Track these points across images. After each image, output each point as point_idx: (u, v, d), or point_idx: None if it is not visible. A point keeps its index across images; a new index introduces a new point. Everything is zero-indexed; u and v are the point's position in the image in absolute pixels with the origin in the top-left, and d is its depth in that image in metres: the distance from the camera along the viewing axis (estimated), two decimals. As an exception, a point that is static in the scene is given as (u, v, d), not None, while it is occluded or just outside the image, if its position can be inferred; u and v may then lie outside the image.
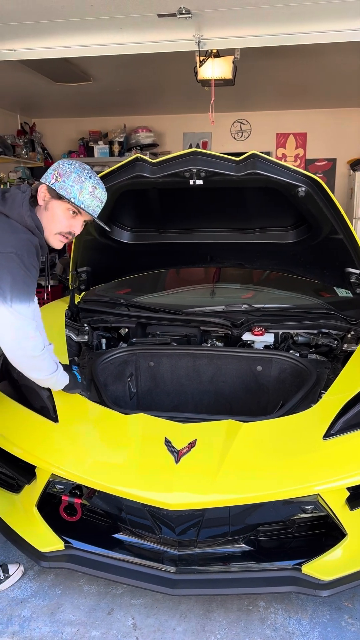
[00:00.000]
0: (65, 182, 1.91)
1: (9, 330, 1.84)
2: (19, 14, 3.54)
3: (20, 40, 4.02)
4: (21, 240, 1.84)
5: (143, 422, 2.13)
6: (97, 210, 2.00)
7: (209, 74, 4.21)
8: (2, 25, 3.74)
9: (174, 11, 3.36)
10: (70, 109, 7.72)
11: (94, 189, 1.95)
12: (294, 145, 7.84)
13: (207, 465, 1.92)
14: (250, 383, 2.60)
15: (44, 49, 4.08)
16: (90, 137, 8.18)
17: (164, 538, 1.97)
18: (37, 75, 5.53)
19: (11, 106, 7.65)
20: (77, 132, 8.36)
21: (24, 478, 2.21)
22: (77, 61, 5.00)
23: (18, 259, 1.81)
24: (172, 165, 2.34)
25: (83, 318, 3.02)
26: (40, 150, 8.36)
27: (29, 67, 5.15)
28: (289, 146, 7.86)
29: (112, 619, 2.02)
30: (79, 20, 3.63)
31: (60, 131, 8.48)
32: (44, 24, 3.70)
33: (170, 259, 3.20)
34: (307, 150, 7.82)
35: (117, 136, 7.93)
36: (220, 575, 1.96)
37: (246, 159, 2.29)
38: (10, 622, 2.00)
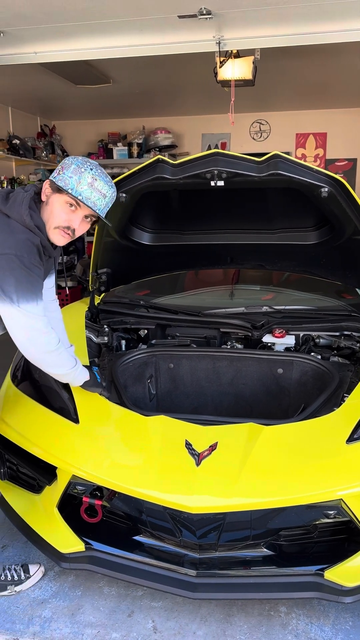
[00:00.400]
0: (65, 173, 1.86)
1: (21, 330, 1.87)
2: (40, 17, 3.57)
3: (41, 43, 4.05)
4: (20, 241, 1.82)
5: (163, 424, 2.12)
6: (98, 203, 1.88)
7: (229, 75, 4.19)
8: (23, 28, 3.77)
9: (195, 12, 3.36)
10: (90, 111, 7.77)
11: (94, 180, 1.86)
12: (313, 146, 7.79)
13: (228, 468, 1.90)
14: (271, 386, 2.58)
15: (65, 52, 4.11)
16: (110, 139, 8.22)
17: (184, 541, 1.96)
18: (57, 78, 5.57)
19: (31, 109, 7.73)
20: (97, 134, 8.41)
21: (45, 479, 2.22)
22: (97, 63, 5.03)
23: (18, 260, 1.79)
24: (193, 166, 2.33)
25: (103, 319, 3.02)
26: (60, 152, 8.43)
27: (49, 70, 5.19)
28: (308, 146, 7.80)
29: (132, 621, 2.02)
30: (100, 23, 3.64)
31: (79, 133, 8.54)
32: (64, 26, 3.73)
33: (190, 260, 3.19)
34: (327, 150, 7.76)
35: (136, 138, 7.96)
36: (241, 579, 1.94)
37: (268, 160, 2.28)
38: (31, 623, 2.01)
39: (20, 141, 7.29)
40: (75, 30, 3.78)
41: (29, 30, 3.79)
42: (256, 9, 3.42)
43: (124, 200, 2.61)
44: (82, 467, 1.99)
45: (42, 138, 8.20)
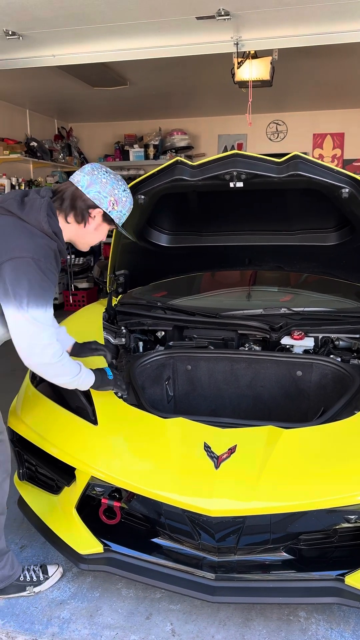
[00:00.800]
0: (120, 210, 1.95)
1: (24, 337, 1.81)
2: (59, 20, 3.59)
3: (60, 46, 4.08)
4: (38, 245, 1.81)
5: (182, 426, 2.12)
6: None
7: (246, 76, 4.18)
8: (42, 31, 3.81)
9: (213, 13, 3.35)
10: (106, 113, 7.81)
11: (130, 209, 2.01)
12: (331, 146, 7.74)
13: (247, 471, 1.89)
14: (289, 388, 2.56)
15: (83, 54, 4.13)
16: (126, 141, 8.26)
17: (203, 544, 1.95)
18: (75, 80, 5.61)
19: (49, 111, 7.79)
20: (113, 135, 8.45)
21: (64, 480, 2.22)
22: (114, 65, 5.05)
23: (35, 264, 1.78)
24: (212, 167, 2.32)
25: (120, 321, 3.03)
26: (76, 154, 8.48)
27: (67, 73, 5.23)
28: (326, 146, 7.76)
29: (150, 623, 2.01)
30: (118, 25, 3.66)
31: (96, 135, 8.59)
32: (83, 29, 3.75)
33: (208, 261, 3.18)
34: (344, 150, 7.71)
35: (153, 139, 7.98)
36: (260, 583, 1.93)
37: (288, 160, 2.26)
38: (50, 623, 2.01)
39: (38, 143, 7.36)
40: (94, 33, 3.80)
41: (48, 33, 3.82)
42: (274, 10, 3.40)
43: (142, 202, 2.61)
44: (101, 469, 1.99)
45: (59, 140, 8.26)
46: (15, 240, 1.80)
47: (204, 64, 4.94)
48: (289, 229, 2.74)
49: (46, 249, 1.83)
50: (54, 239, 1.86)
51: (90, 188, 1.88)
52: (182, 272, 3.35)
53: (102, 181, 1.88)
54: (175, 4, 3.29)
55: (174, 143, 7.93)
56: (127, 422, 2.22)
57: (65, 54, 4.19)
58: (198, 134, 8.23)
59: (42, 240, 1.83)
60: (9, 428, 2.38)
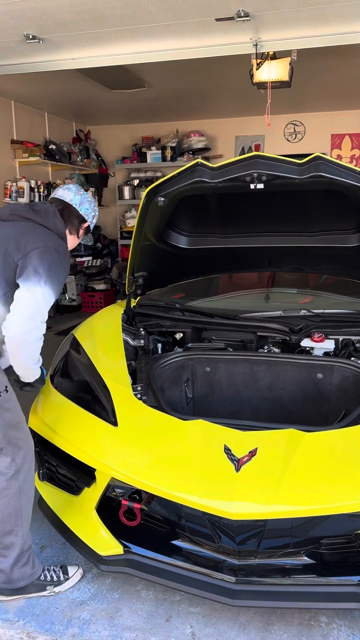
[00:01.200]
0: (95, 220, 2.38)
1: (27, 310, 1.97)
2: (79, 23, 3.61)
3: (79, 49, 4.11)
4: (59, 243, 2.14)
5: (202, 428, 2.11)
6: None
7: (265, 77, 4.17)
8: (62, 35, 3.83)
9: (233, 14, 3.35)
10: (124, 116, 7.84)
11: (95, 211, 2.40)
12: (349, 146, 7.67)
13: (269, 474, 1.88)
14: (310, 391, 2.54)
15: (102, 57, 4.15)
16: (143, 143, 8.28)
17: (223, 547, 1.94)
18: (93, 83, 5.64)
19: (67, 114, 7.85)
20: (131, 138, 8.48)
21: (84, 481, 2.23)
22: (133, 68, 5.07)
23: (56, 254, 2.08)
24: (233, 169, 2.32)
25: (139, 322, 3.03)
26: (94, 157, 8.53)
27: (85, 76, 5.26)
28: (344, 147, 7.69)
29: (170, 626, 2.01)
30: (137, 28, 3.67)
31: (113, 138, 8.63)
32: (102, 32, 3.77)
33: (227, 263, 3.17)
34: (363, 151, 7.64)
35: (170, 141, 7.99)
36: (281, 587, 1.91)
37: (309, 162, 2.24)
38: (70, 624, 2.02)
39: (57, 146, 7.41)
40: (113, 36, 3.82)
41: (68, 36, 3.85)
42: (294, 10, 3.38)
43: (162, 204, 2.62)
44: (121, 470, 2.00)
45: (78, 143, 8.31)
46: (38, 236, 2.09)
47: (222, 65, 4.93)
48: (309, 230, 2.72)
49: (64, 246, 2.18)
50: (65, 241, 2.21)
51: (82, 206, 2.28)
52: (201, 273, 3.35)
53: (88, 200, 2.30)
54: (194, 6, 3.29)
55: (191, 145, 7.94)
56: (147, 423, 2.23)
57: (84, 57, 4.21)
58: (215, 136, 8.22)
59: (59, 239, 2.16)
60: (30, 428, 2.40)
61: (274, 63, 4.17)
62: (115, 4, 3.29)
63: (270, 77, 4.18)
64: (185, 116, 7.86)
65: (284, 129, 7.90)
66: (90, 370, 2.46)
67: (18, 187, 6.72)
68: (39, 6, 3.33)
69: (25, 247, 2.02)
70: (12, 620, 2.04)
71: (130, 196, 8.28)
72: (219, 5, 3.27)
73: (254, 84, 4.30)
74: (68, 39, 3.91)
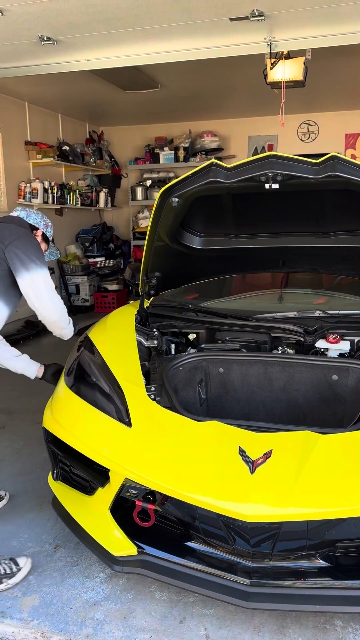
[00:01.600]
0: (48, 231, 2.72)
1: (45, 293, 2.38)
2: (93, 24, 3.63)
3: (93, 50, 4.12)
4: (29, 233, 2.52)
5: (216, 429, 2.10)
6: None
7: (279, 76, 4.15)
8: (76, 36, 3.85)
9: (247, 14, 3.34)
10: (137, 116, 7.86)
11: None
12: (363, 146, 7.61)
13: (284, 477, 1.86)
14: (325, 393, 2.51)
15: (116, 58, 4.17)
16: (156, 144, 8.30)
17: (237, 549, 1.93)
18: (106, 84, 5.66)
19: (81, 115, 7.88)
20: (143, 139, 8.49)
21: (98, 481, 2.23)
22: (146, 68, 5.08)
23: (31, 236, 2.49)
24: (247, 169, 2.30)
25: (152, 323, 3.03)
26: (107, 158, 8.55)
27: (99, 77, 5.28)
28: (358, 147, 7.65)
29: (184, 627, 2.00)
30: (151, 28, 3.68)
31: (126, 138, 8.65)
32: (116, 33, 3.78)
33: (241, 264, 3.15)
34: (377, 150, 7.58)
35: (183, 142, 7.99)
36: (296, 590, 1.90)
37: (325, 161, 2.22)
38: (84, 624, 2.02)
39: (70, 147, 7.45)
40: (127, 36, 3.83)
41: (82, 38, 3.87)
42: (309, 9, 3.37)
43: (176, 205, 2.61)
44: (135, 471, 1.99)
45: (91, 144, 8.35)
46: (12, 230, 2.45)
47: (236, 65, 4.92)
48: (324, 230, 2.70)
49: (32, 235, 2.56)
50: None
51: (29, 217, 2.61)
52: (215, 274, 3.34)
53: (34, 212, 2.65)
54: (209, 6, 3.28)
55: (204, 145, 7.93)
56: (160, 424, 2.22)
57: (98, 58, 4.23)
58: (228, 136, 8.21)
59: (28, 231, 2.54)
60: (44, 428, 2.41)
61: (288, 62, 4.15)
62: (130, 5, 3.30)
63: (285, 76, 4.17)
64: (198, 116, 7.86)
65: (297, 129, 7.86)
66: (104, 371, 2.46)
67: (32, 188, 6.76)
68: (54, 8, 3.35)
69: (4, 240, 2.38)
70: (27, 619, 2.05)
71: (143, 197, 8.30)
72: (233, 4, 3.27)
73: (268, 83, 4.29)
74: (82, 40, 3.93)
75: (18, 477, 3.10)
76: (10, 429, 3.79)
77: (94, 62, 4.27)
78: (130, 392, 2.30)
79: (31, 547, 2.46)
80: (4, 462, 3.28)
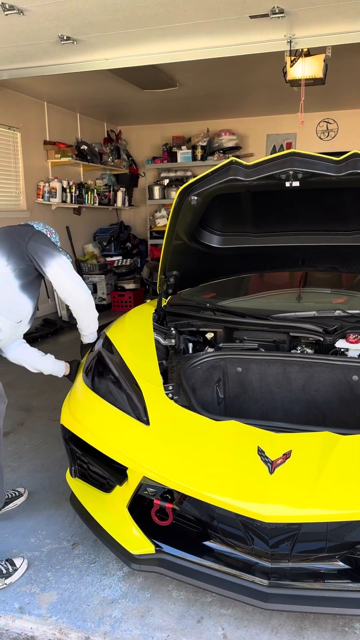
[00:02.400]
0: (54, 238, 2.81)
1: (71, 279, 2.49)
2: (113, 24, 3.63)
3: (112, 49, 4.13)
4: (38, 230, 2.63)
5: (234, 429, 2.09)
6: None
7: (299, 74, 4.12)
8: (95, 35, 3.86)
9: (267, 11, 3.32)
10: (155, 116, 7.87)
11: None
12: (384, 144, 7.50)
13: (303, 477, 1.85)
14: (345, 393, 2.49)
15: (135, 57, 4.17)
16: (174, 143, 8.29)
17: (256, 549, 1.92)
18: (125, 84, 5.67)
19: (99, 115, 7.91)
20: (161, 138, 8.50)
21: (116, 478, 2.24)
22: (164, 67, 5.08)
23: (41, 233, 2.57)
24: (268, 167, 2.28)
25: (170, 322, 3.02)
26: (125, 157, 8.57)
27: (117, 76, 5.29)
28: (378, 145, 7.53)
29: (201, 627, 2.00)
30: (170, 27, 3.67)
31: (144, 138, 8.66)
32: (135, 32, 3.78)
33: (260, 262, 3.13)
34: None
35: (200, 140, 7.98)
36: (315, 592, 1.88)
37: (347, 159, 2.20)
38: (101, 622, 2.03)
39: (88, 147, 7.48)
40: (146, 35, 3.82)
41: (101, 37, 3.88)
42: (329, 6, 3.33)
43: (195, 203, 2.60)
44: (154, 469, 1.99)
45: (109, 143, 8.37)
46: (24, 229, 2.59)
47: (255, 63, 4.89)
48: (345, 228, 2.67)
49: None
50: None
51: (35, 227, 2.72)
52: (234, 273, 3.32)
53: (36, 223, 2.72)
54: (229, 4, 3.27)
55: (222, 144, 7.91)
56: (178, 423, 2.22)
57: (117, 57, 4.24)
58: (246, 134, 8.17)
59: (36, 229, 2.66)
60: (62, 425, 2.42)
61: (308, 60, 4.11)
62: (149, 4, 3.30)
63: (304, 74, 4.13)
64: (216, 115, 7.84)
65: (316, 127, 7.80)
66: (122, 369, 2.47)
67: (50, 188, 6.81)
68: (73, 7, 3.37)
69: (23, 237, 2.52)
70: (45, 616, 2.06)
71: (160, 196, 8.30)
72: (253, 2, 3.25)
73: (287, 81, 4.26)
74: (101, 39, 3.94)
75: (36, 473, 3.13)
76: (28, 426, 3.82)
77: (113, 61, 4.28)
78: (149, 391, 2.30)
79: (49, 544, 2.48)
80: (23, 459, 3.31)
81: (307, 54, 4.14)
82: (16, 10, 3.34)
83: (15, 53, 4.23)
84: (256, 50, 3.90)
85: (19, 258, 2.46)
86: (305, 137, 7.79)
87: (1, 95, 6.07)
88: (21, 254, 2.46)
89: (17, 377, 4.82)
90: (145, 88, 5.88)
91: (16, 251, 2.46)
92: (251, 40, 3.82)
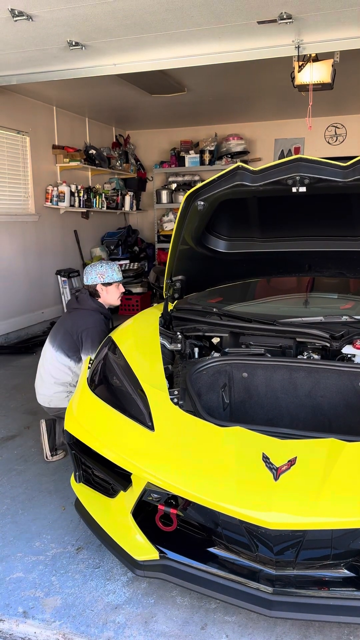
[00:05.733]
0: (112, 274, 3.35)
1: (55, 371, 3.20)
2: (121, 29, 3.65)
3: (121, 54, 4.15)
4: (97, 319, 3.23)
5: (239, 435, 2.08)
6: (120, 274, 3.45)
7: (307, 79, 4.11)
8: (104, 41, 3.88)
9: (275, 17, 3.32)
10: (163, 120, 7.89)
11: (113, 269, 3.39)
12: (392, 149, 7.49)
13: (308, 484, 1.84)
14: (351, 399, 2.47)
15: (143, 62, 4.18)
16: (182, 147, 8.31)
17: (260, 556, 1.91)
18: (134, 88, 5.69)
19: (107, 119, 7.94)
20: (169, 142, 8.52)
21: (120, 484, 2.23)
22: (173, 72, 5.10)
23: (94, 329, 3.16)
24: (274, 172, 2.28)
25: (176, 326, 3.02)
26: (133, 161, 8.60)
27: (126, 81, 5.31)
28: (387, 150, 7.51)
29: (205, 634, 1.99)
30: (178, 32, 3.68)
31: (152, 142, 8.69)
32: (143, 37, 3.80)
33: (266, 268, 3.13)
34: None
35: (208, 145, 7.99)
36: (320, 600, 1.86)
37: (354, 164, 2.19)
38: (105, 627, 2.02)
39: (96, 151, 7.51)
40: (154, 41, 3.84)
41: (110, 42, 3.90)
42: (337, 11, 3.33)
43: (201, 208, 2.61)
44: (158, 475, 1.99)
45: (117, 148, 8.40)
46: (82, 319, 3.22)
47: (262, 68, 4.90)
48: (352, 234, 2.66)
49: (98, 315, 3.27)
50: (101, 310, 3.31)
51: (87, 278, 3.35)
52: (240, 278, 3.32)
53: (90, 268, 3.35)
54: (237, 9, 3.27)
55: (230, 148, 7.91)
56: (183, 429, 2.21)
57: (125, 62, 4.25)
58: (254, 139, 8.18)
59: (97, 315, 3.26)
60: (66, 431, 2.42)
61: (316, 65, 4.11)
62: (157, 9, 3.31)
63: (312, 79, 4.12)
64: (224, 119, 7.85)
65: (324, 132, 7.79)
66: (128, 374, 2.47)
67: (59, 192, 6.84)
68: (82, 13, 3.39)
69: (76, 330, 3.18)
70: (49, 620, 2.06)
71: (168, 200, 8.32)
72: (261, 8, 3.25)
73: (295, 86, 4.26)
74: (110, 45, 3.96)
75: (42, 477, 3.13)
76: (34, 429, 3.83)
77: (122, 66, 4.30)
78: (153, 396, 2.30)
79: (54, 549, 2.48)
80: (29, 462, 3.32)
81: (315, 59, 4.14)
82: (25, 16, 3.37)
83: (24, 58, 4.27)
84: (264, 56, 3.90)
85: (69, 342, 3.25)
86: (314, 142, 7.78)
87: (10, 100, 6.12)
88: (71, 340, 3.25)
89: (24, 381, 4.83)
90: (153, 93, 5.90)
91: (68, 338, 3.26)
92: (259, 46, 3.83)
